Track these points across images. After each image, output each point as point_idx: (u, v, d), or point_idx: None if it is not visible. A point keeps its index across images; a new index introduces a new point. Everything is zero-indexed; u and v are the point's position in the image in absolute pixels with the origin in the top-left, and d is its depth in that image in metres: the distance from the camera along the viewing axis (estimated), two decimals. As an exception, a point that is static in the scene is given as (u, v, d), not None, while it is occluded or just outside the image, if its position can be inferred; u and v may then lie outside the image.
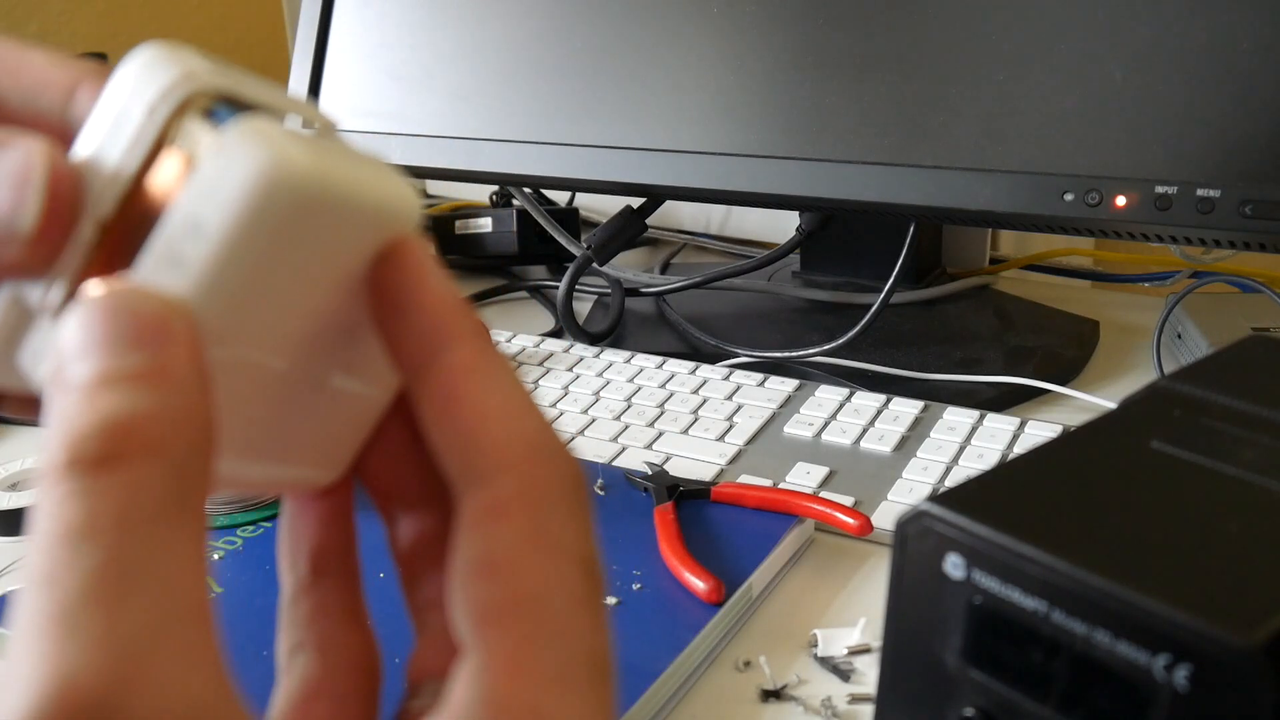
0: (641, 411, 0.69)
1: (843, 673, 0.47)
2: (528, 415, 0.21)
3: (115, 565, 0.17)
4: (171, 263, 0.20)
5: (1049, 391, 0.72)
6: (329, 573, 0.26)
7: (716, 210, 1.10)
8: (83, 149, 0.22)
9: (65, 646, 0.16)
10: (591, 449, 0.65)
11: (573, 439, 0.67)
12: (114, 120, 0.21)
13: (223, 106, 0.22)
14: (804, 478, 0.61)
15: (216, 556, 0.54)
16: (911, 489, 0.59)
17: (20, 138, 0.21)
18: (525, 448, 0.20)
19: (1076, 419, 0.68)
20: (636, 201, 0.83)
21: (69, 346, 0.19)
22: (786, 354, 0.77)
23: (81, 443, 0.18)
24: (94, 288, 0.20)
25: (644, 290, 0.89)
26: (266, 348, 0.22)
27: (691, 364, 0.75)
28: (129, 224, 0.21)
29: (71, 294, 0.21)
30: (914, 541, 0.28)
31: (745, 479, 0.61)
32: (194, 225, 0.20)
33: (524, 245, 1.00)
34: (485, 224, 1.01)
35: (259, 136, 0.20)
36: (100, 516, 0.17)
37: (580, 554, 0.20)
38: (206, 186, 0.20)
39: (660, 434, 0.67)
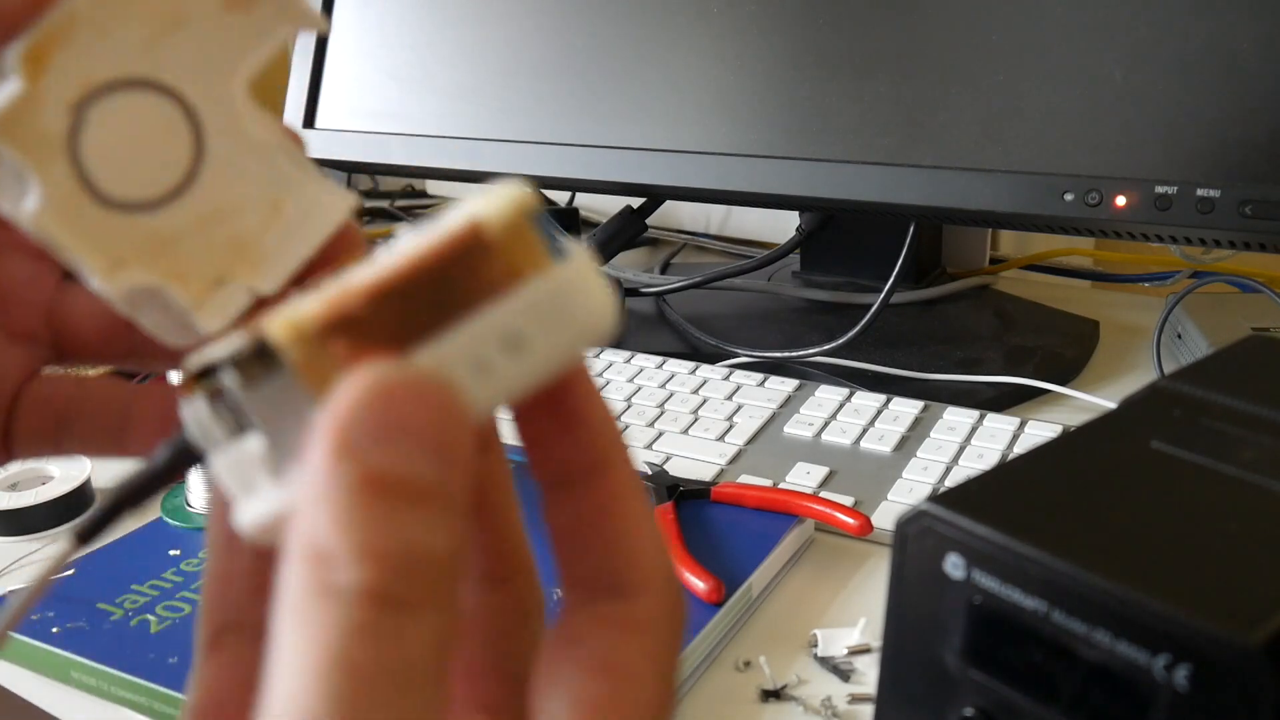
0: (641, 411, 0.69)
1: (843, 673, 0.47)
2: (664, 546, 0.23)
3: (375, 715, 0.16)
4: (474, 369, 0.19)
5: (1049, 391, 0.72)
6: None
7: (716, 210, 1.10)
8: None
9: None
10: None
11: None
12: (438, 218, 0.20)
13: (545, 223, 0.21)
14: (804, 478, 0.61)
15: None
16: (911, 489, 0.59)
17: None
18: (664, 576, 0.22)
19: (1076, 419, 0.68)
20: (636, 201, 0.83)
21: (365, 413, 0.18)
22: (786, 354, 0.77)
23: (383, 574, 0.17)
24: (391, 367, 0.18)
25: (644, 290, 0.89)
26: None
27: (691, 364, 0.75)
28: (411, 297, 0.20)
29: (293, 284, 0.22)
30: (914, 541, 0.28)
31: (745, 479, 0.61)
32: (515, 340, 0.20)
33: (524, 245, 1.00)
34: (485, 224, 1.01)
35: (599, 272, 0.20)
36: (386, 659, 0.17)
37: (675, 684, 0.22)
38: (544, 307, 0.20)
39: (660, 434, 0.67)
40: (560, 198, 1.09)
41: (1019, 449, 0.62)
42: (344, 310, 0.19)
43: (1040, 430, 0.64)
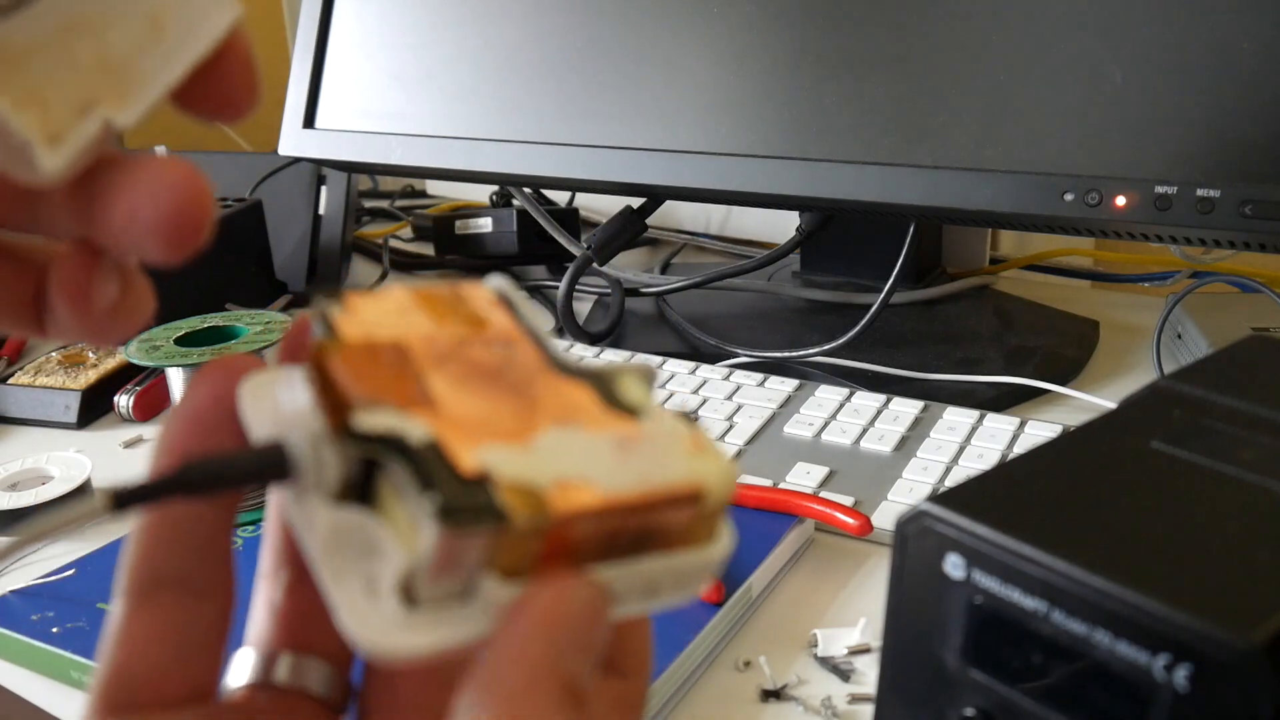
0: (641, 411, 0.69)
1: (843, 673, 0.47)
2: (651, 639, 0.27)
3: None
4: (615, 598, 0.21)
5: (1049, 391, 0.72)
6: (228, 507, 0.22)
7: (716, 210, 1.10)
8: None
9: None
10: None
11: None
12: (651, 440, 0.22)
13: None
14: (804, 478, 0.61)
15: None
16: (911, 489, 0.59)
17: None
18: (647, 664, 0.26)
19: (1076, 419, 0.68)
20: (636, 201, 0.83)
21: (575, 625, 0.20)
22: (786, 354, 0.77)
23: None
24: (597, 589, 0.21)
25: (644, 290, 0.89)
26: None
27: (691, 364, 0.75)
28: (616, 528, 0.21)
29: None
30: (914, 541, 0.28)
31: (745, 479, 0.61)
32: (652, 590, 0.21)
33: (524, 245, 1.00)
34: (485, 224, 1.01)
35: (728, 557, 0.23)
36: None
37: None
38: (689, 574, 0.22)
39: (660, 434, 0.67)
40: (560, 198, 1.09)
41: (1019, 449, 0.62)
42: (572, 520, 0.20)
43: (1040, 430, 0.64)
